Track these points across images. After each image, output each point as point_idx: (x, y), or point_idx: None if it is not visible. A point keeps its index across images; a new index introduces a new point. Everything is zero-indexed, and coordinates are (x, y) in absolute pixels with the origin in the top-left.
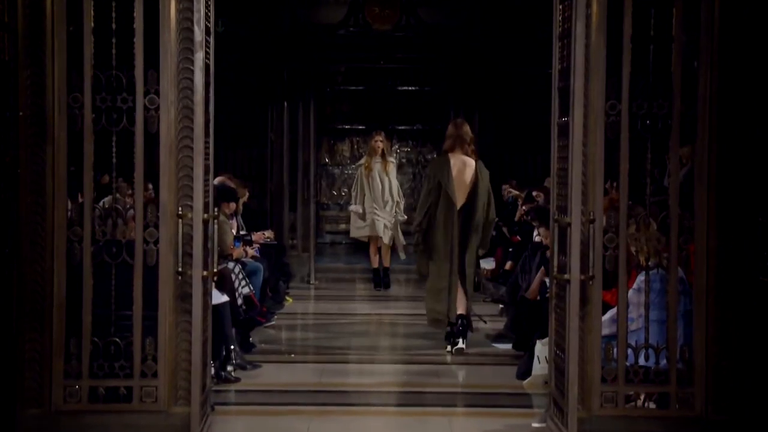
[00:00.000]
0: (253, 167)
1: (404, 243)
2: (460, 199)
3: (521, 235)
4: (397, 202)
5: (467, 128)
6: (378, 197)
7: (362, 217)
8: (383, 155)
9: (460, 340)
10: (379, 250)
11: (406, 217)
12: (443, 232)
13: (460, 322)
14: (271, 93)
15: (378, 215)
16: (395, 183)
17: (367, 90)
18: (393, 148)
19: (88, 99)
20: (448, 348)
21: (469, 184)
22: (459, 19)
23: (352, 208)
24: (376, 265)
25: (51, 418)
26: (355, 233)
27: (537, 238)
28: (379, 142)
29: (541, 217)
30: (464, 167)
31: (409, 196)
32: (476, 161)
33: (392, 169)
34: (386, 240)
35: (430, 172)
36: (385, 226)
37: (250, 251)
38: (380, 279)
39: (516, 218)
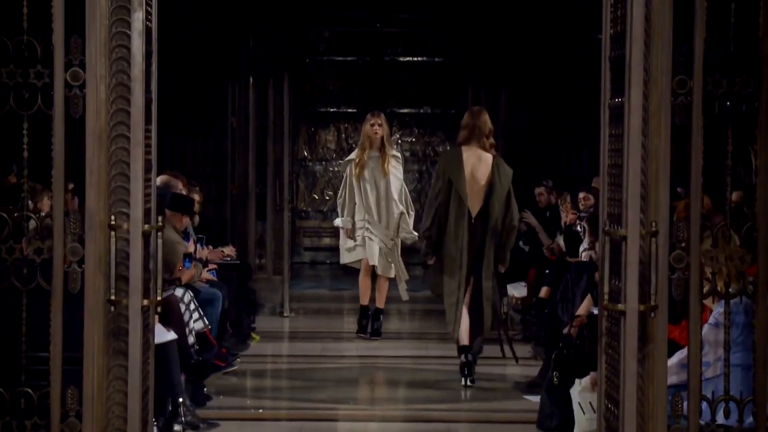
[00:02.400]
0: (208, 163)
1: (407, 278)
2: (474, 202)
3: (568, 247)
4: (402, 213)
5: (486, 118)
6: (371, 206)
7: (351, 234)
8: (382, 147)
9: (463, 379)
10: (374, 280)
11: (415, 234)
12: (454, 240)
13: (465, 357)
14: (232, 65)
15: (372, 233)
16: (398, 186)
17: (359, 62)
18: (394, 138)
19: None
20: (462, 382)
21: (485, 183)
22: None
23: (338, 222)
24: (365, 301)
25: None
26: (346, 258)
27: (584, 256)
28: (377, 128)
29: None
30: (479, 163)
31: (414, 201)
32: (494, 157)
33: (395, 166)
34: (381, 269)
35: (440, 168)
36: (382, 249)
37: (205, 273)
38: (367, 322)
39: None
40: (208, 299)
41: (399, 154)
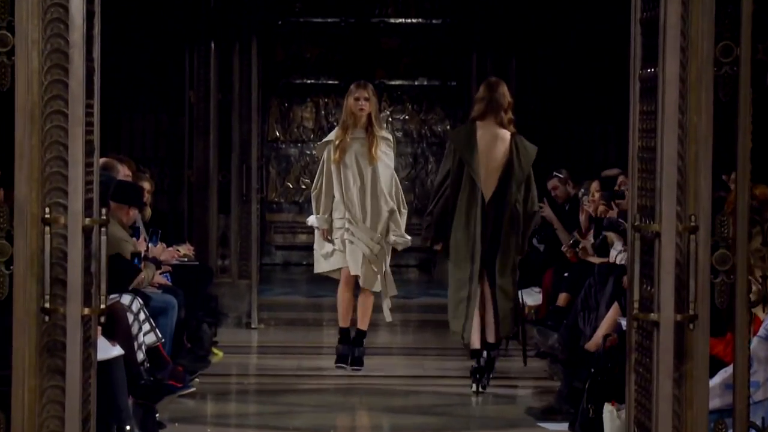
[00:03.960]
0: (161, 145)
1: (395, 293)
2: (489, 184)
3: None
4: (393, 210)
5: (504, 89)
6: (354, 201)
7: (329, 237)
8: (370, 127)
9: (474, 385)
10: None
11: (409, 239)
12: (464, 228)
13: (477, 363)
14: (190, 28)
15: (355, 235)
16: (388, 176)
17: (342, 24)
18: (383, 116)
19: None
20: (473, 387)
21: (501, 163)
22: None
23: (312, 221)
24: (345, 322)
25: None
26: (322, 267)
27: (620, 259)
28: (363, 102)
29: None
30: (494, 141)
31: (408, 191)
32: (513, 134)
33: (385, 151)
34: (364, 281)
35: (451, 145)
36: (366, 256)
37: (158, 277)
38: (348, 348)
39: (582, 226)
40: (161, 308)
41: (390, 137)
